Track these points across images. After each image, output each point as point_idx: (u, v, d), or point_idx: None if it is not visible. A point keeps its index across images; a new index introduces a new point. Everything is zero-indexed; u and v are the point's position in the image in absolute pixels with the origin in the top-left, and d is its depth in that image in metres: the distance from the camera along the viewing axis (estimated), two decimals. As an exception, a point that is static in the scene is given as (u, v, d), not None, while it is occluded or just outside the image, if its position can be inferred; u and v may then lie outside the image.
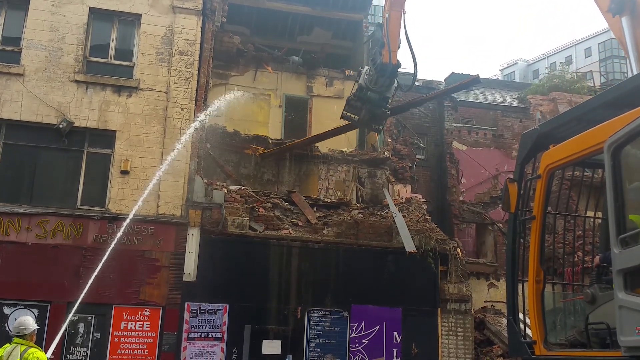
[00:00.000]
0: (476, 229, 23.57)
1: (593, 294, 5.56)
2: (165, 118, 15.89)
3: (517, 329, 6.20)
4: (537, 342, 5.89)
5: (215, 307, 15.19)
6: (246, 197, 17.10)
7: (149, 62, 16.12)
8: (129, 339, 14.48)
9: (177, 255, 15.17)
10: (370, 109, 15.73)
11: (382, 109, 15.73)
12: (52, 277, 14.33)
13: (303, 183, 20.21)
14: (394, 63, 14.52)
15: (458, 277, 17.12)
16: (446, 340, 16.54)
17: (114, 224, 14.82)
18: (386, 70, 14.71)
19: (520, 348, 6.15)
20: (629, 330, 4.52)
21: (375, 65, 14.95)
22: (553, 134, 6.57)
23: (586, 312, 5.66)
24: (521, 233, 6.64)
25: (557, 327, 6.29)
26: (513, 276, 6.39)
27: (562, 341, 5.96)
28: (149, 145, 15.63)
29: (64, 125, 15.12)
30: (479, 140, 24.55)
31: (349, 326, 16.00)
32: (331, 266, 16.27)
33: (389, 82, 15.25)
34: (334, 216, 17.75)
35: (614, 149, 5.02)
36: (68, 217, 14.78)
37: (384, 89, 15.41)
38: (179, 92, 16.10)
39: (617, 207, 4.94)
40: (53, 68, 15.51)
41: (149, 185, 14.23)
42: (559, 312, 6.54)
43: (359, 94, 15.67)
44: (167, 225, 15.26)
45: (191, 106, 16.13)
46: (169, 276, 14.98)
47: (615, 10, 6.98)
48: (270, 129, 20.64)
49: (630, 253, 4.64)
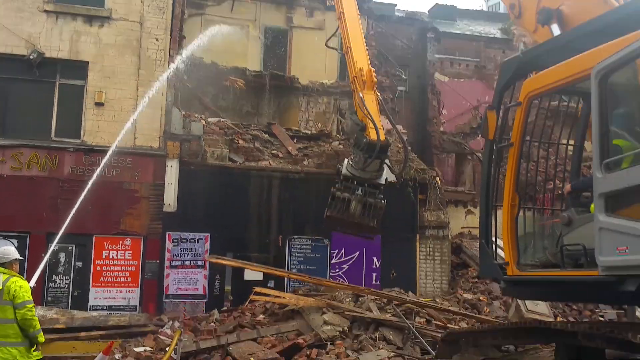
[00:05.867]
0: (455, 159, 23.79)
1: (569, 216, 5.70)
2: (140, 49, 15.53)
3: (490, 251, 6.38)
4: (509, 264, 6.07)
5: (197, 237, 15.37)
6: (225, 129, 16.97)
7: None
8: (112, 267, 14.70)
9: (157, 186, 15.18)
10: (360, 199, 12.89)
11: (375, 198, 12.89)
12: (30, 208, 14.31)
13: (283, 115, 20.06)
14: (382, 140, 12.10)
15: (437, 205, 17.45)
16: (424, 265, 17.08)
17: (90, 156, 14.76)
18: (374, 149, 11.98)
19: (491, 270, 6.34)
20: (608, 250, 4.68)
21: (361, 147, 12.31)
22: (535, 62, 6.54)
23: (562, 234, 5.81)
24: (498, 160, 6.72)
25: (529, 250, 6.47)
26: (487, 201, 6.50)
27: (535, 262, 6.15)
28: (124, 76, 15.32)
29: (34, 57, 14.77)
30: (461, 71, 24.38)
31: (329, 253, 16.38)
32: (312, 196, 16.37)
33: (378, 165, 12.72)
34: (314, 147, 17.75)
35: (602, 76, 5.03)
36: (42, 149, 14.65)
37: (373, 175, 12.89)
38: (152, 22, 15.67)
39: (602, 133, 5.01)
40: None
41: (131, 119, 14.04)
42: (531, 235, 6.72)
43: (344, 184, 12.90)
44: (145, 157, 15.19)
45: (166, 37, 15.78)
46: (149, 207, 15.05)
47: (544, 20, 7.04)
48: (249, 61, 20.21)
49: (612, 177, 4.75)
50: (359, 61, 12.93)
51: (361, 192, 12.66)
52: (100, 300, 14.47)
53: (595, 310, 14.86)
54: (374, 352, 11.09)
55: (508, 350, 6.63)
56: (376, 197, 12.82)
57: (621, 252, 4.60)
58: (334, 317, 12.05)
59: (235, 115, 19.07)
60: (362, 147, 12.33)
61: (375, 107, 12.44)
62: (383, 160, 12.81)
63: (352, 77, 13.06)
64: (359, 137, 12.51)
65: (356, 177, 12.79)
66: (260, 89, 19.59)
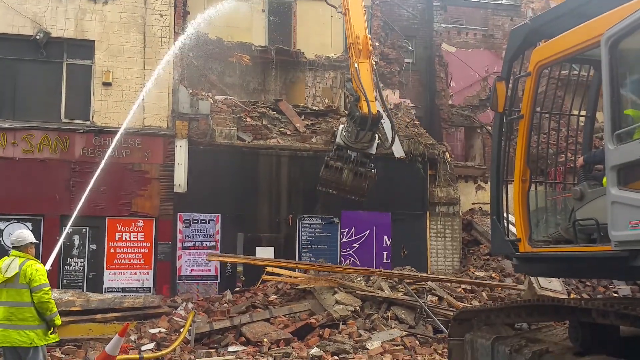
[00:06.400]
0: (465, 133, 23.60)
1: (582, 190, 5.60)
2: (145, 26, 15.41)
3: (501, 227, 6.30)
4: (521, 240, 5.99)
5: (208, 217, 15.41)
6: (233, 107, 16.90)
7: (123, -33, 15.38)
8: (125, 249, 14.80)
9: (167, 167, 15.20)
10: (352, 168, 13.88)
11: (366, 168, 13.91)
12: (43, 191, 14.38)
13: (290, 91, 19.93)
14: (374, 113, 12.66)
15: (446, 181, 17.34)
16: (435, 242, 17.03)
17: (100, 137, 14.77)
18: (366, 122, 12.68)
19: (503, 246, 6.27)
20: (621, 224, 4.59)
21: (354, 119, 12.98)
22: (544, 29, 6.36)
23: (574, 209, 5.73)
24: (509, 133, 6.61)
25: (541, 225, 6.40)
26: (498, 176, 6.39)
27: (547, 238, 6.08)
28: (130, 55, 15.25)
29: (40, 37, 14.69)
30: (468, 41, 24.03)
31: (340, 231, 16.36)
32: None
33: (370, 135, 13.42)
34: (322, 124, 17.65)
35: (612, 43, 4.88)
36: (53, 131, 14.65)
37: (365, 145, 13.67)
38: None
39: (613, 103, 4.86)
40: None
41: (139, 99, 14.02)
42: (543, 210, 6.64)
43: (338, 153, 13.87)
44: (154, 137, 15.17)
45: (170, 12, 15.63)
46: (159, 188, 15.09)
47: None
48: (253, 36, 20.03)
49: (624, 149, 4.63)
50: (356, 27, 13.08)
51: (353, 161, 13.68)
52: (115, 283, 14.59)
53: (609, 286, 14.78)
54: (386, 331, 11.18)
55: (521, 328, 6.60)
56: (367, 167, 13.88)
57: (634, 227, 4.51)
58: (345, 296, 12.12)
59: (242, 92, 18.97)
60: (355, 120, 12.92)
61: (369, 78, 12.89)
62: (375, 132, 13.36)
63: (349, 43, 13.20)
64: (353, 108, 13.04)
65: (349, 146, 13.59)
66: (266, 65, 19.45)
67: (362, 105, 12.59)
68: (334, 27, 19.96)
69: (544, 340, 5.33)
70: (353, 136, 13.36)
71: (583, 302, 4.75)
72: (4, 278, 6.76)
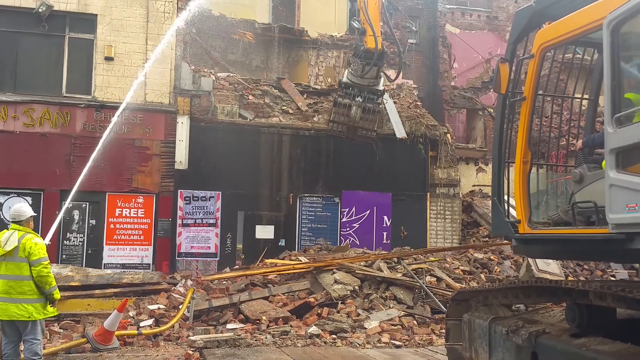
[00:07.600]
0: (467, 115, 23.51)
1: (581, 173, 5.60)
2: (148, 1, 15.28)
3: (502, 209, 6.31)
4: (521, 222, 6.01)
5: (209, 194, 15.43)
6: (235, 85, 16.82)
7: (126, -60, 15.18)
8: (125, 225, 14.83)
9: (168, 143, 15.17)
10: (360, 104, 14.06)
11: (374, 103, 14.14)
12: (44, 165, 14.38)
13: (292, 69, 19.82)
14: (380, 48, 12.99)
15: (447, 162, 17.34)
16: (434, 223, 17.07)
17: (101, 112, 14.73)
18: (372, 56, 13.05)
19: (503, 227, 6.28)
20: (618, 207, 4.61)
21: (359, 54, 13.36)
22: (548, 11, 6.32)
23: (573, 192, 5.74)
24: (511, 115, 6.59)
25: (541, 207, 6.41)
26: (499, 157, 6.39)
27: (546, 220, 6.09)
28: (132, 30, 15.12)
29: (43, 9, 14.57)
30: (472, 22, 23.84)
31: (340, 211, 16.40)
32: (322, 153, 16.36)
33: (376, 71, 13.68)
34: (324, 103, 17.59)
35: (614, 26, 4.86)
36: (54, 105, 14.61)
37: (372, 81, 13.91)
38: (160, -29, 15.34)
39: (614, 86, 4.86)
40: (26, -53, 14.63)
41: (141, 74, 13.94)
42: (543, 193, 6.64)
43: (345, 90, 14.08)
44: (156, 113, 15.12)
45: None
46: (160, 164, 15.08)
47: None
48: (257, 13, 19.87)
49: (624, 132, 4.64)
50: None
51: (361, 98, 14.03)
52: (114, 258, 14.64)
53: (606, 270, 14.86)
54: (385, 311, 11.24)
55: (518, 310, 6.65)
56: (375, 102, 14.25)
57: (631, 209, 4.52)
58: (344, 276, 12.16)
59: (244, 69, 18.87)
60: (360, 55, 13.41)
61: (377, 12, 13.23)
62: (380, 67, 13.99)
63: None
64: (358, 45, 13.40)
65: (356, 84, 13.92)
66: (269, 43, 19.32)
67: (367, 39, 13.08)
68: (338, 4, 19.79)
69: (541, 322, 5.36)
70: (359, 71, 13.64)
71: (580, 284, 4.77)
72: (3, 251, 6.78)
